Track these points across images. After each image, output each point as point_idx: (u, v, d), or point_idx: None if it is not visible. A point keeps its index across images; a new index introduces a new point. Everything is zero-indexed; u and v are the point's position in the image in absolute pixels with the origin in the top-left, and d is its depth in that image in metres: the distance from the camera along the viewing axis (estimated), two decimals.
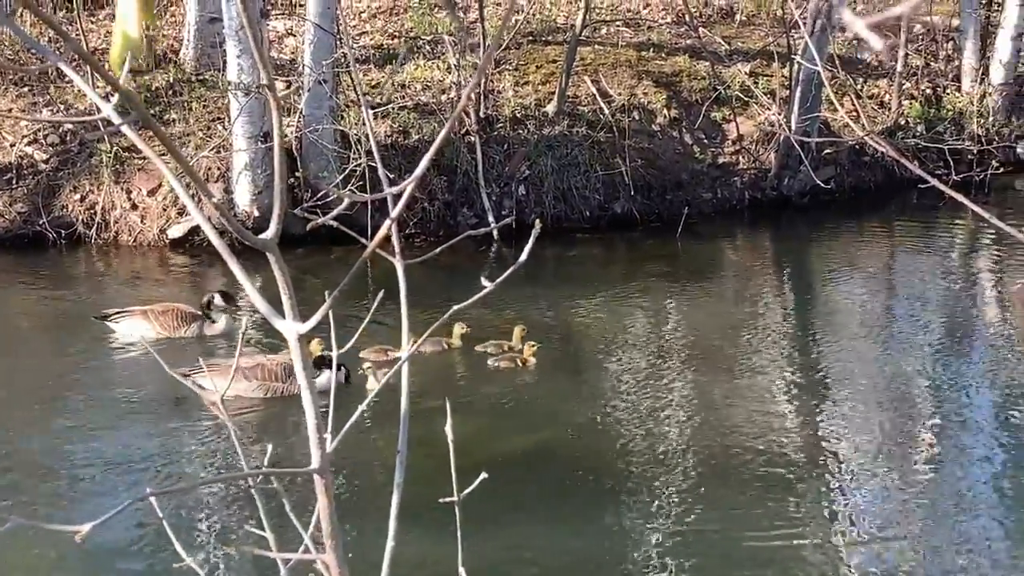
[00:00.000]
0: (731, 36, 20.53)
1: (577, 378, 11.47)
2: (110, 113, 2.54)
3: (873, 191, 18.59)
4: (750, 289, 14.33)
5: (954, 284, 14.93)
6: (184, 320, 12.33)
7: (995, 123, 19.96)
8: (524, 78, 18.18)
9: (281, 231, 2.47)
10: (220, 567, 8.00)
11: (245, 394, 10.70)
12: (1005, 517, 8.89)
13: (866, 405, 10.87)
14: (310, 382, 2.58)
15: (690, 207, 16.98)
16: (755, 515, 8.75)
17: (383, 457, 9.35)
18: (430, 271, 14.47)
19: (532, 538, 8.46)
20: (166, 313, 12.34)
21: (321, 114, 15.49)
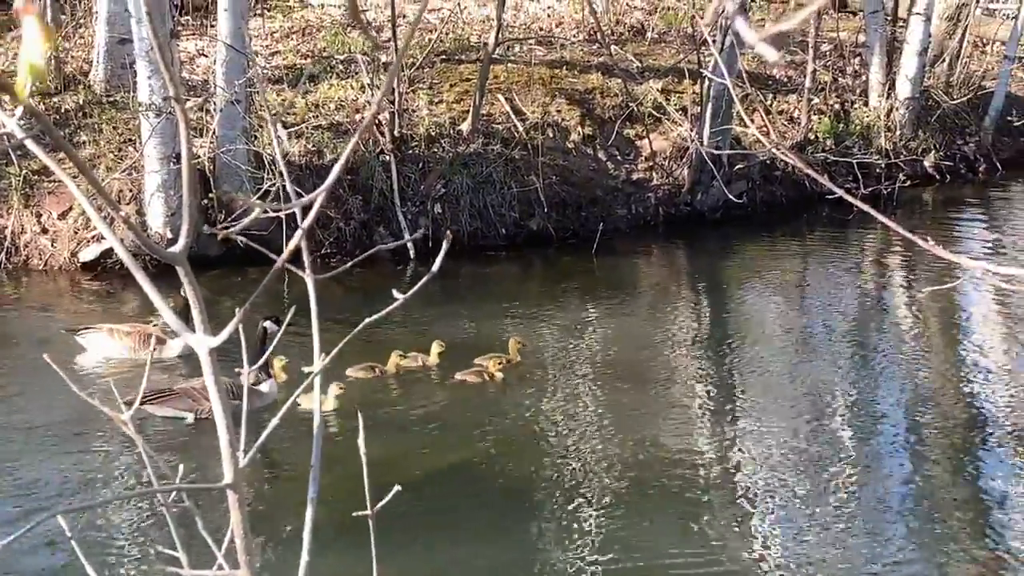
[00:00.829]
0: (643, 53, 20.73)
1: (495, 394, 11.47)
2: (13, 128, 2.52)
3: (784, 205, 18.85)
4: (666, 304, 14.44)
5: (865, 295, 15.18)
6: (147, 342, 12.08)
7: (902, 137, 20.35)
8: (438, 97, 18.21)
9: (196, 252, 2.45)
10: None
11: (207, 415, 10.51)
12: (920, 523, 9.03)
13: (781, 416, 10.99)
14: (222, 397, 2.57)
15: (605, 223, 17.09)
16: (672, 529, 8.80)
17: (306, 472, 9.29)
18: (347, 290, 14.45)
19: (452, 553, 8.44)
20: (131, 334, 12.14)
21: (234, 134, 15.39)
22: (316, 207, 2.54)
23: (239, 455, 2.65)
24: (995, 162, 21.50)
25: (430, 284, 3.07)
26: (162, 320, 12.47)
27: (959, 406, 11.33)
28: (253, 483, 9.10)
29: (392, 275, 15.15)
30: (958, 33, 22.69)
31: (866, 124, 20.22)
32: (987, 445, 10.39)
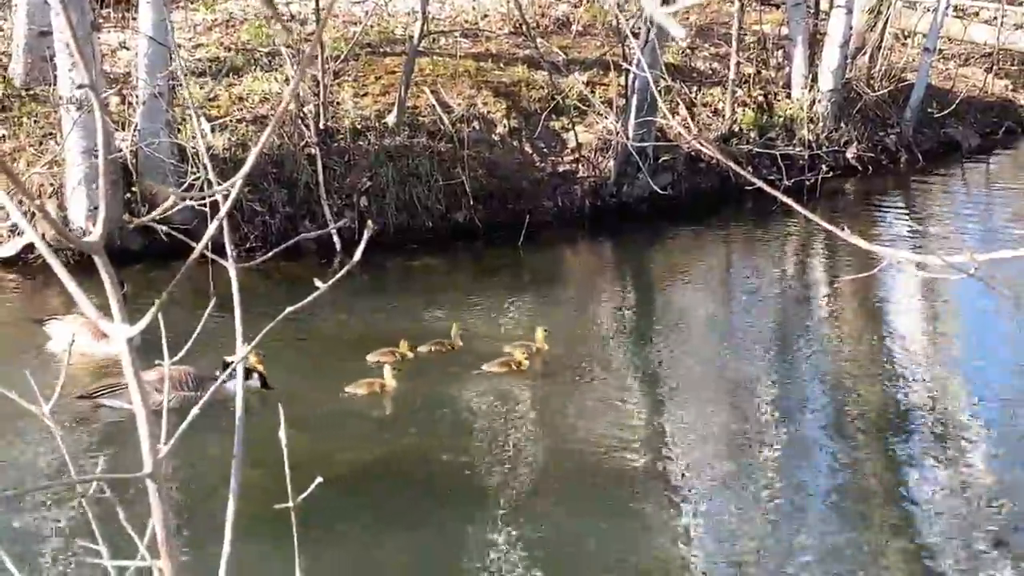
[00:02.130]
0: (568, 46, 20.77)
1: (421, 388, 11.47)
2: None
3: (709, 196, 18.98)
4: (592, 296, 14.51)
5: (787, 284, 15.35)
6: (97, 334, 11.79)
7: (824, 129, 20.55)
8: (363, 89, 18.14)
9: (119, 246, 2.42)
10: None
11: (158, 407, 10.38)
12: (841, 508, 9.16)
13: (706, 405, 11.09)
14: (140, 385, 2.56)
15: (531, 216, 17.11)
16: (600, 519, 8.86)
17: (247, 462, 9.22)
18: (273, 283, 14.37)
19: (376, 548, 8.44)
20: (87, 324, 11.75)
21: (157, 127, 15.23)
22: (235, 193, 2.53)
23: (159, 445, 2.64)
24: (916, 153, 21.78)
25: (356, 278, 3.07)
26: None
27: (879, 392, 11.50)
28: (180, 474, 9.03)
29: (318, 268, 15.06)
30: (879, 25, 22.94)
31: (789, 116, 20.41)
32: (905, 430, 10.56)
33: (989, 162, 22.73)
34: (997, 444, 10.32)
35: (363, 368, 11.70)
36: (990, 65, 25.41)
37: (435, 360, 12.03)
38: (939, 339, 13.25)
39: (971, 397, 11.32)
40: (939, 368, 12.16)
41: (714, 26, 22.81)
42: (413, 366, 11.87)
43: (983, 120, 24.11)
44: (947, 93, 23.32)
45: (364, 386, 11.27)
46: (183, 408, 10.46)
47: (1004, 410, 11.12)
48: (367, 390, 11.23)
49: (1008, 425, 10.77)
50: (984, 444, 10.29)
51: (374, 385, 11.27)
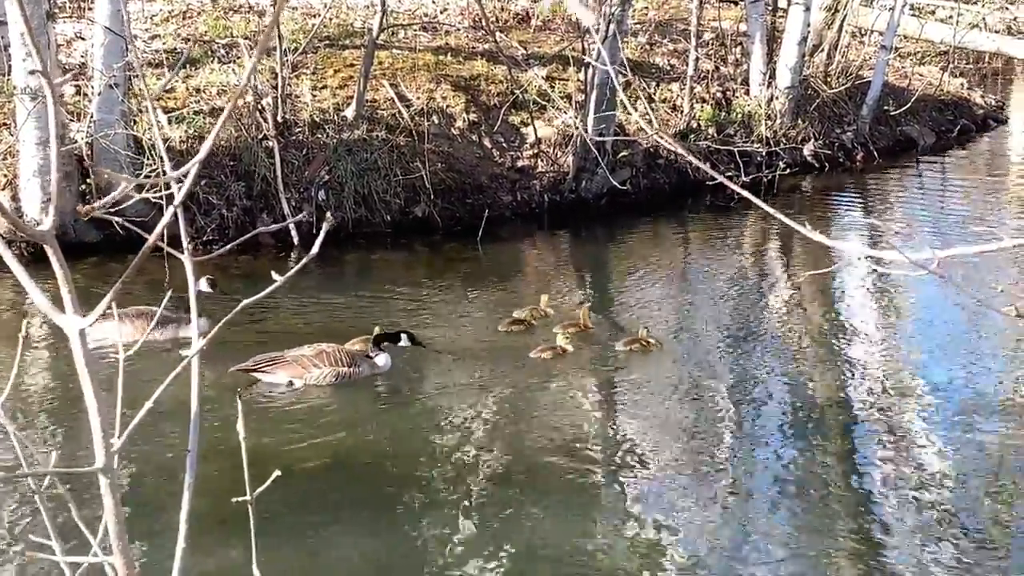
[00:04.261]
0: (527, 41, 20.78)
1: (379, 383, 11.43)
2: None
3: (668, 192, 19.03)
4: (550, 291, 14.47)
5: (745, 279, 15.39)
6: (159, 323, 12.00)
7: (782, 125, 20.66)
8: (322, 82, 18.06)
9: (74, 239, 2.37)
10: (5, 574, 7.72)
11: (315, 382, 11.09)
12: (796, 503, 9.19)
13: (662, 401, 11.10)
14: (93, 377, 2.52)
15: (490, 210, 17.10)
16: (557, 515, 8.84)
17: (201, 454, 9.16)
18: (231, 276, 14.28)
19: (332, 543, 8.39)
20: (141, 316, 11.96)
21: (113, 119, 15.09)
22: (189, 181, 2.50)
23: (113, 439, 2.60)
24: (872, 151, 21.93)
25: (313, 272, 3.04)
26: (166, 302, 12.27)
27: (836, 386, 11.56)
28: (132, 468, 8.95)
29: (275, 261, 14.99)
30: (837, 23, 23.10)
31: (747, 112, 20.50)
32: (860, 424, 10.62)
33: (944, 160, 22.91)
34: (950, 437, 10.40)
35: None
36: (946, 64, 25.63)
37: None
38: (895, 333, 13.32)
39: (926, 391, 11.39)
40: (896, 362, 12.23)
41: (673, 22, 22.89)
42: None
43: (939, 118, 24.34)
44: (903, 91, 23.51)
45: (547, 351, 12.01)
46: (338, 383, 11.05)
47: (958, 402, 11.20)
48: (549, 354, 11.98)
49: (961, 418, 10.86)
50: (937, 438, 10.36)
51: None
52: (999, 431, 10.58)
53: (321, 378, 11.10)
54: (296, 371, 11.08)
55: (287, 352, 11.21)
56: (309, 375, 11.07)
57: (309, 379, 11.08)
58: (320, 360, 11.13)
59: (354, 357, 11.36)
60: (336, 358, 11.19)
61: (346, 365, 11.21)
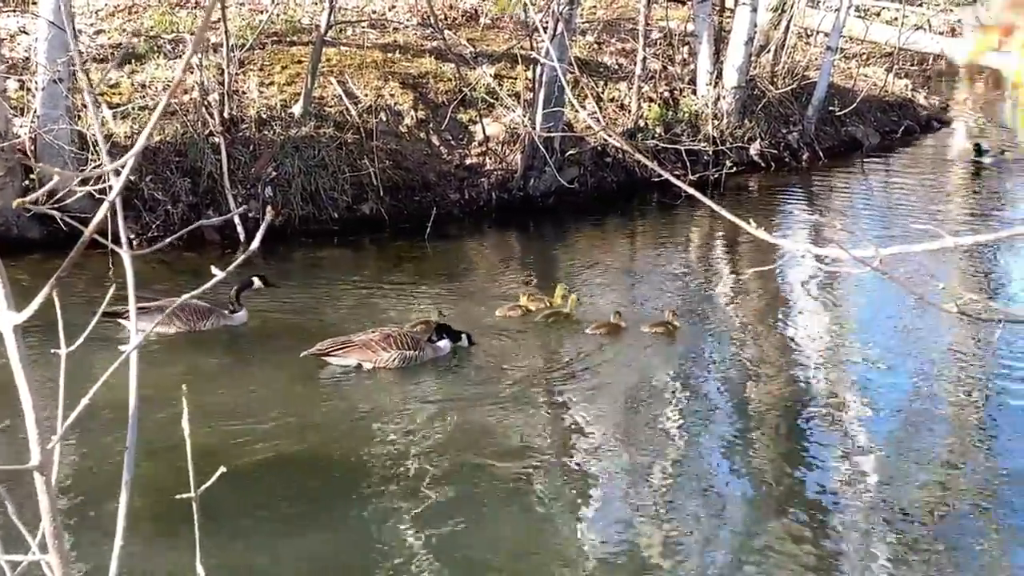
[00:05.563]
0: (476, 39, 20.76)
1: (323, 382, 11.40)
2: None
3: (615, 191, 19.08)
4: (497, 289, 14.49)
5: (691, 276, 15.46)
6: (202, 314, 12.40)
7: (729, 125, 20.76)
8: (269, 79, 17.97)
9: (16, 235, 2.34)
10: None
11: (383, 365, 11.41)
12: (741, 500, 9.26)
13: (605, 399, 11.14)
14: (28, 374, 2.49)
15: (438, 208, 17.08)
16: (505, 514, 8.87)
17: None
18: (175, 272, 14.20)
19: (277, 541, 8.37)
20: (183, 309, 12.25)
21: (57, 114, 14.95)
22: (127, 171, 2.47)
23: (49, 435, 2.58)
24: (817, 151, 22.08)
25: (260, 267, 3.02)
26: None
27: (780, 382, 11.66)
28: (74, 466, 8.87)
29: (221, 259, 14.90)
30: (783, 24, 23.24)
31: (694, 112, 20.58)
32: (806, 420, 10.71)
33: (889, 160, 23.11)
34: (893, 433, 10.52)
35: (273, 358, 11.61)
36: (891, 65, 25.83)
37: None
38: (839, 330, 13.45)
39: (869, 387, 11.51)
40: (839, 359, 12.36)
41: (621, 21, 22.93)
42: (311, 358, 11.80)
43: (883, 119, 24.53)
44: (849, 92, 23.67)
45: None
46: (403, 367, 11.35)
47: (901, 398, 11.34)
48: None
49: (903, 412, 10.98)
50: (881, 433, 10.48)
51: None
52: (941, 426, 10.71)
53: (389, 361, 11.44)
54: (366, 355, 11.41)
55: (354, 336, 11.54)
56: (378, 358, 11.41)
57: (378, 362, 11.42)
58: (387, 344, 11.46)
59: (417, 341, 11.69)
60: (402, 341, 11.52)
61: (410, 348, 11.54)
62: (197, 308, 12.43)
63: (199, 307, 12.45)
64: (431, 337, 11.96)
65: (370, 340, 11.47)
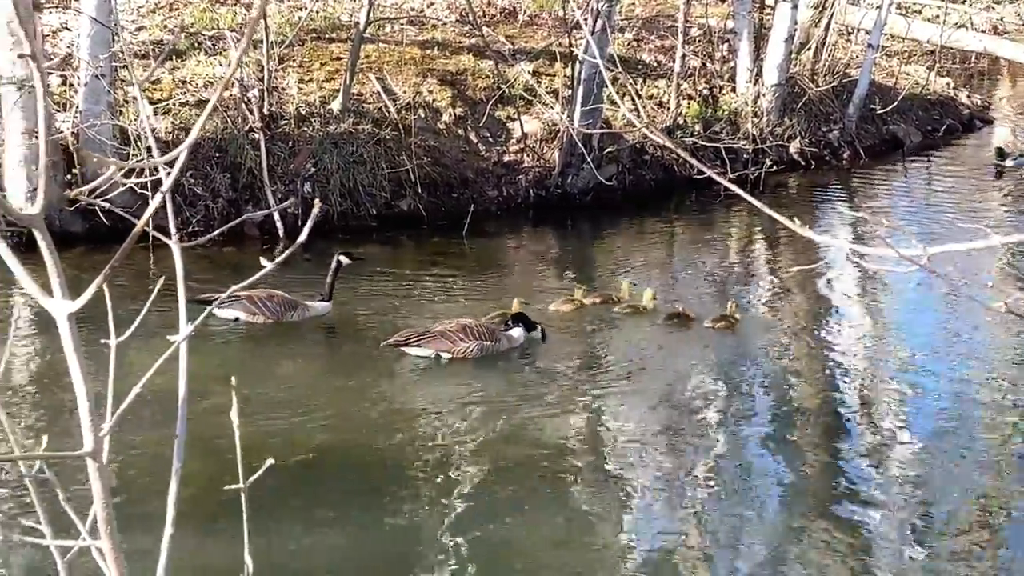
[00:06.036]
0: (514, 36, 20.76)
1: (363, 377, 11.42)
2: None
3: (653, 189, 19.03)
4: (535, 285, 14.49)
5: (731, 276, 15.41)
6: (288, 305, 12.58)
7: (768, 123, 20.67)
8: (308, 75, 18.03)
9: (60, 228, 2.36)
10: None
11: (462, 355, 11.58)
12: (782, 501, 9.22)
13: (647, 396, 11.10)
14: (81, 362, 2.51)
15: (476, 205, 17.10)
16: (544, 511, 8.85)
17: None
18: (216, 267, 14.27)
19: (325, 533, 8.39)
20: (271, 298, 12.50)
21: (99, 109, 15.04)
22: (179, 165, 2.49)
23: (101, 422, 2.59)
24: (858, 149, 21.97)
25: (298, 264, 3.03)
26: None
27: (822, 382, 11.61)
28: (124, 453, 8.92)
29: (261, 254, 14.94)
30: (824, 21, 23.11)
31: (733, 110, 20.51)
32: (849, 423, 10.64)
33: (930, 159, 22.96)
34: (936, 435, 10.44)
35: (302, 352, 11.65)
36: (932, 63, 25.67)
37: (362, 348, 12.00)
38: (887, 329, 13.37)
39: (914, 388, 11.42)
40: (884, 360, 12.26)
41: (660, 18, 22.88)
42: (348, 353, 11.82)
43: (925, 117, 24.38)
44: (890, 90, 23.54)
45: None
46: (482, 356, 11.53)
47: (947, 397, 11.25)
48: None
49: (949, 411, 10.90)
50: (924, 436, 10.40)
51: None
52: (987, 426, 10.63)
53: (467, 351, 11.57)
54: (444, 345, 11.55)
55: (432, 327, 11.69)
56: (456, 348, 11.54)
57: (456, 352, 11.56)
58: (465, 334, 11.60)
59: (493, 331, 11.84)
60: (479, 332, 11.68)
61: (487, 339, 11.69)
62: (284, 299, 12.62)
63: (286, 298, 12.64)
64: (506, 323, 12.13)
65: (447, 331, 11.60)
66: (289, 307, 12.62)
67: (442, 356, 11.59)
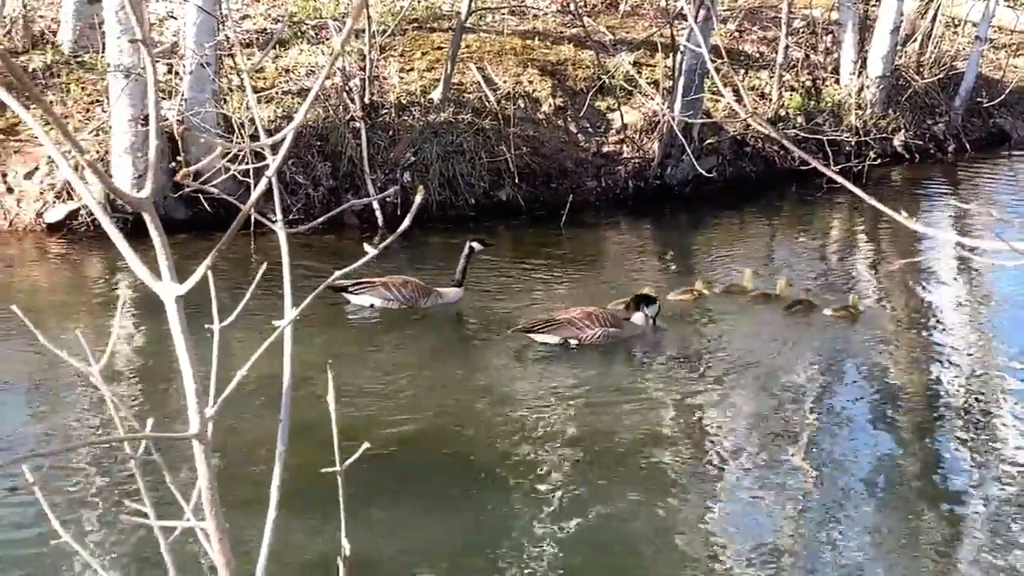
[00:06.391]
0: (615, 26, 20.69)
1: (463, 365, 11.45)
2: None
3: (754, 181, 18.87)
4: (633, 277, 14.42)
5: (833, 269, 15.22)
6: (423, 292, 12.80)
7: (872, 115, 20.39)
8: (409, 64, 18.12)
9: (163, 215, 2.39)
10: (97, 539, 7.84)
11: (589, 341, 11.67)
12: (888, 504, 9.09)
13: (750, 392, 10.98)
14: (188, 345, 2.54)
15: (574, 195, 17.06)
16: (642, 507, 8.79)
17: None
18: (317, 252, 14.40)
19: (420, 520, 8.43)
20: (406, 285, 12.75)
21: (204, 97, 15.24)
22: (287, 146, 2.50)
23: (206, 407, 2.62)
24: (964, 143, 21.60)
25: (397, 253, 3.03)
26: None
27: (930, 380, 11.39)
28: (226, 437, 9.04)
29: (359, 241, 15.07)
30: (930, 12, 22.73)
31: (837, 101, 20.26)
32: (953, 421, 10.44)
33: None
34: None
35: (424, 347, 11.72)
36: None
37: (460, 336, 12.03)
38: (999, 326, 13.10)
39: (1020, 387, 11.19)
40: (991, 357, 12.02)
41: (763, 9, 22.65)
42: (444, 341, 11.87)
43: None
44: (997, 83, 23.09)
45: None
46: (606, 343, 11.64)
47: None
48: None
49: None
50: None
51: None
52: None
53: (594, 338, 11.66)
54: (571, 332, 11.64)
55: (557, 314, 11.81)
56: (583, 335, 11.63)
57: (584, 339, 11.65)
58: (591, 321, 11.68)
59: (617, 318, 11.93)
60: (603, 319, 11.76)
61: (612, 325, 11.78)
62: (419, 286, 12.81)
63: (420, 285, 12.83)
64: (629, 304, 12.19)
65: (573, 318, 11.69)
66: (423, 293, 12.78)
67: (570, 343, 11.66)
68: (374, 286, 12.63)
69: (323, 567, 7.18)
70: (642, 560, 8.12)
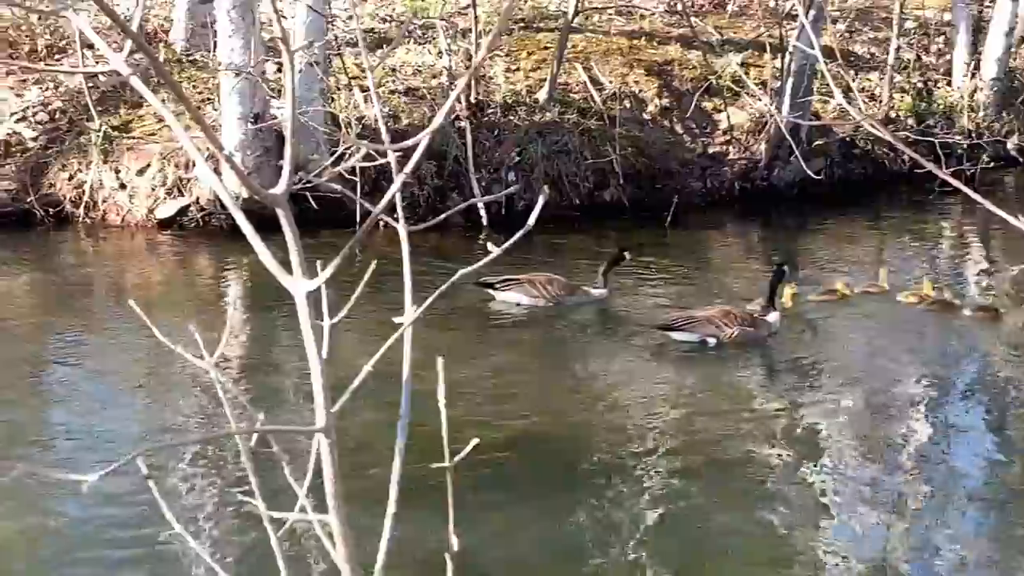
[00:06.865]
0: (723, 26, 20.53)
1: (561, 368, 11.44)
2: (119, 65, 2.51)
3: (863, 184, 18.59)
4: (739, 281, 14.29)
5: (945, 275, 14.93)
6: (568, 290, 13.00)
7: (986, 118, 19.98)
8: (515, 64, 18.14)
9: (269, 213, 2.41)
10: (210, 531, 7.95)
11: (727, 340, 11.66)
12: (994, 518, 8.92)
13: (854, 397, 10.84)
14: (317, 341, 2.55)
15: (680, 196, 16.94)
16: (739, 510, 8.72)
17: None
18: (421, 256, 14.44)
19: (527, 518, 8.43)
20: (552, 283, 12.94)
21: (312, 96, 15.39)
22: (421, 148, 2.50)
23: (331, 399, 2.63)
24: None
25: (500, 256, 3.03)
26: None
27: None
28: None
29: (466, 242, 15.12)
30: None
31: (949, 104, 19.89)
32: None
33: None
34: None
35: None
36: None
37: (563, 338, 12.01)
38: None
39: None
40: None
41: (874, 9, 22.32)
42: (547, 342, 11.86)
43: None
44: None
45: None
46: (744, 342, 11.70)
47: None
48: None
49: None
50: None
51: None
52: None
53: (732, 336, 11.67)
54: (711, 330, 11.68)
55: (697, 312, 11.87)
56: (722, 333, 11.64)
57: (722, 337, 11.67)
58: (728, 320, 11.72)
59: (754, 317, 11.94)
60: (741, 318, 11.80)
61: (749, 325, 11.80)
62: (565, 284, 12.94)
63: (566, 283, 12.96)
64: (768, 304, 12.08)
65: (711, 316, 11.72)
66: (569, 291, 12.88)
67: (708, 341, 11.67)
68: (520, 283, 12.76)
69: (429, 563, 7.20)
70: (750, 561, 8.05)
